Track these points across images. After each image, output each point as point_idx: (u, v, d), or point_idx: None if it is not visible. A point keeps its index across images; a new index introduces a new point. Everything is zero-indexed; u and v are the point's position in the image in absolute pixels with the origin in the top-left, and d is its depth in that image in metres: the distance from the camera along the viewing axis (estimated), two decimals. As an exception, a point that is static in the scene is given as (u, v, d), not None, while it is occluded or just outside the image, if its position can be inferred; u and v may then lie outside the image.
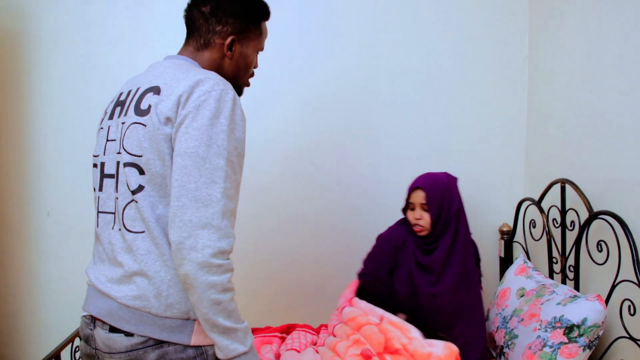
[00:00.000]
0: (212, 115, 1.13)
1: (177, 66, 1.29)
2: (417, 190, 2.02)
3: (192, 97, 1.15)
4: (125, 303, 1.18)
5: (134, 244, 1.19)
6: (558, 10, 2.26)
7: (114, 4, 2.38)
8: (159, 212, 1.18)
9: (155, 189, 1.18)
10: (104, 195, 1.29)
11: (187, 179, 1.10)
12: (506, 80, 2.54)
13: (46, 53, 2.37)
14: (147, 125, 1.18)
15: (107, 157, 1.29)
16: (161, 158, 1.17)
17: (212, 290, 1.10)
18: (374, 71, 2.49)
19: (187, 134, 1.12)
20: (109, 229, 1.26)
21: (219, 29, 1.37)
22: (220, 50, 1.38)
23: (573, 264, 2.00)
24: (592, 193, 1.95)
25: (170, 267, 1.17)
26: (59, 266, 2.41)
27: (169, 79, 1.22)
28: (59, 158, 2.39)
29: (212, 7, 1.36)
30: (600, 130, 1.97)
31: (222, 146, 1.13)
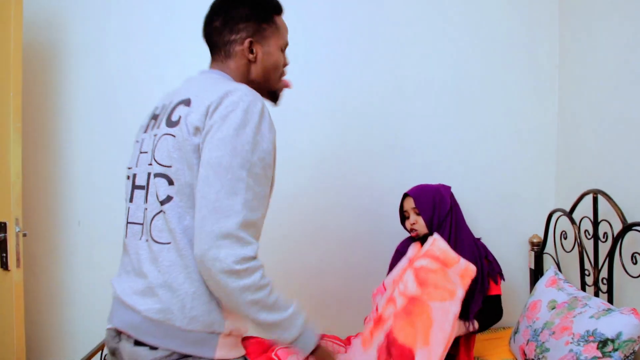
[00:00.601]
0: (237, 125, 1.13)
1: (208, 79, 1.31)
2: (407, 198, 2.18)
3: (220, 107, 1.15)
4: (149, 316, 1.18)
5: (159, 255, 1.19)
6: (588, 18, 2.23)
7: (143, 18, 2.43)
8: (187, 223, 1.18)
9: (183, 200, 1.18)
10: (133, 206, 1.31)
11: (208, 190, 1.11)
12: (536, 90, 2.51)
13: (77, 66, 2.42)
14: (176, 136, 1.19)
15: (139, 169, 1.31)
16: (190, 168, 1.17)
17: (246, 293, 1.11)
18: (402, 83, 2.49)
19: (211, 144, 1.12)
20: (137, 240, 1.27)
21: (234, 37, 1.38)
22: (243, 56, 1.38)
23: (606, 276, 1.96)
24: (625, 204, 1.92)
25: (194, 280, 1.17)
26: (89, 275, 2.44)
27: (199, 91, 1.23)
28: (89, 168, 2.43)
29: (222, 19, 1.39)
30: (633, 139, 1.93)
31: (245, 157, 1.13)
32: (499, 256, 2.27)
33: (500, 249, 2.45)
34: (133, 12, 2.42)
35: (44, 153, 2.43)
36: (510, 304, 2.36)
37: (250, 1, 1.41)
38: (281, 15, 1.46)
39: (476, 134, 2.51)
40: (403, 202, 2.21)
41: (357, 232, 2.49)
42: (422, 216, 2.10)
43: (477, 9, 2.50)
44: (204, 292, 1.17)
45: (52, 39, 2.41)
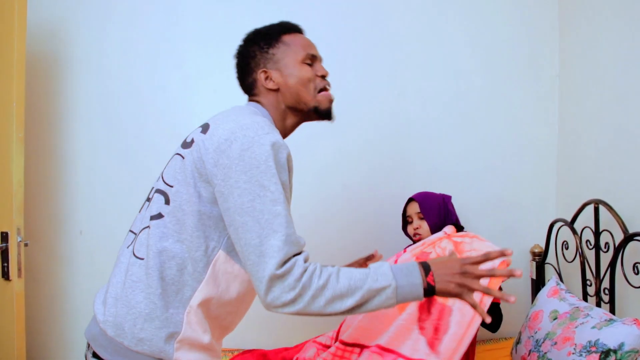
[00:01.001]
0: (258, 163, 1.10)
1: (237, 109, 1.30)
2: (411, 203, 2.19)
3: (235, 143, 1.12)
4: (104, 329, 1.17)
5: (130, 269, 1.19)
6: (588, 29, 2.24)
7: (145, 28, 2.44)
8: (166, 245, 1.16)
9: (172, 222, 1.17)
10: (138, 216, 1.32)
11: (250, 235, 1.08)
12: (536, 99, 2.52)
13: (79, 76, 2.43)
14: (185, 158, 1.20)
15: (155, 183, 1.32)
16: (187, 192, 1.16)
17: (316, 304, 1.08)
18: (403, 92, 2.50)
19: (239, 189, 1.10)
20: (125, 247, 1.28)
21: (252, 77, 1.37)
22: (266, 89, 1.35)
23: (608, 286, 1.95)
24: (626, 214, 1.92)
25: (153, 302, 1.15)
26: (90, 285, 2.42)
27: (220, 120, 1.23)
28: (91, 178, 2.43)
29: (239, 68, 1.42)
30: (633, 149, 1.94)
31: (276, 191, 1.10)
32: (501, 266, 2.27)
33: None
34: (134, 23, 2.44)
35: (46, 163, 2.43)
36: (512, 314, 2.35)
37: (254, 37, 1.41)
38: (292, 33, 1.42)
39: (477, 144, 2.51)
40: (407, 206, 2.22)
41: (358, 240, 2.49)
42: (426, 221, 2.11)
43: (478, 19, 2.51)
44: (158, 317, 1.15)
45: (55, 49, 2.42)
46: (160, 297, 1.15)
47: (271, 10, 2.46)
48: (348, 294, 1.08)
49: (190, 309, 1.17)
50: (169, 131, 2.43)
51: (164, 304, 1.15)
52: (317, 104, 1.38)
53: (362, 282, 1.09)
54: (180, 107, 2.45)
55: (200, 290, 1.17)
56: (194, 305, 1.17)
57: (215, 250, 1.17)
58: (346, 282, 1.09)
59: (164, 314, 1.15)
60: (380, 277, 1.10)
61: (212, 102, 2.43)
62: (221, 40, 2.45)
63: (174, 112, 2.44)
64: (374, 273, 1.11)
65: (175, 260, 1.16)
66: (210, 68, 2.45)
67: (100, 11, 2.43)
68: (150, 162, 2.42)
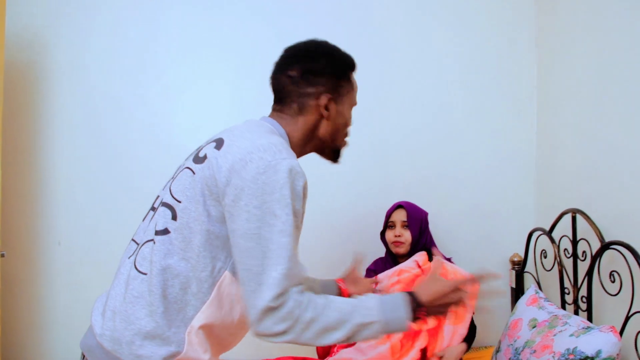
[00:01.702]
0: (271, 190, 1.08)
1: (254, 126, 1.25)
2: (399, 209, 2.19)
3: (250, 165, 1.09)
4: (101, 342, 1.15)
5: (132, 282, 1.17)
6: (566, 40, 2.29)
7: (126, 38, 2.43)
8: (170, 262, 1.14)
9: (179, 239, 1.15)
10: (142, 226, 1.29)
11: (252, 262, 1.07)
12: (515, 110, 2.56)
13: (59, 86, 2.41)
14: (195, 174, 1.16)
15: (161, 193, 1.29)
16: (196, 210, 1.14)
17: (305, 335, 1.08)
18: (383, 103, 2.51)
19: (248, 213, 1.07)
20: (126, 257, 1.25)
21: (312, 90, 1.29)
22: (317, 112, 1.30)
23: (585, 294, 1.98)
24: (603, 223, 1.95)
25: (153, 320, 1.13)
26: (69, 296, 2.40)
27: (235, 137, 1.19)
28: (71, 188, 2.41)
29: (301, 70, 1.30)
30: (610, 159, 1.97)
31: (287, 222, 1.08)
32: (481, 275, 2.29)
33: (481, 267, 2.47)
34: (116, 33, 2.43)
35: (24, 173, 2.40)
36: (492, 323, 2.37)
37: (330, 54, 1.36)
38: (353, 74, 1.41)
39: (457, 154, 2.54)
40: (392, 212, 2.22)
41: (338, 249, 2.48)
42: (410, 231, 2.12)
43: (459, 32, 2.55)
44: (159, 336, 1.13)
45: (35, 59, 2.40)
46: (163, 315, 1.13)
47: (255, 22, 2.48)
48: (337, 327, 1.09)
49: (191, 328, 1.14)
50: (150, 141, 2.42)
51: (167, 323, 1.13)
52: (340, 148, 1.42)
53: (351, 315, 1.10)
54: (161, 118, 2.44)
55: (203, 312, 1.15)
56: (195, 325, 1.14)
57: (221, 271, 1.15)
58: (336, 315, 1.10)
59: (165, 332, 1.13)
60: (368, 312, 1.12)
61: (193, 113, 2.45)
62: (202, 51, 2.47)
63: (155, 122, 2.43)
64: (363, 308, 1.12)
65: (179, 279, 1.14)
66: (191, 79, 2.45)
67: (81, 21, 2.42)
68: (131, 172, 2.42)
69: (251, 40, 2.47)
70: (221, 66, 2.47)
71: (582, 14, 2.16)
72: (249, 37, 2.47)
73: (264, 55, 2.44)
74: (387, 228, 2.22)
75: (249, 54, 2.47)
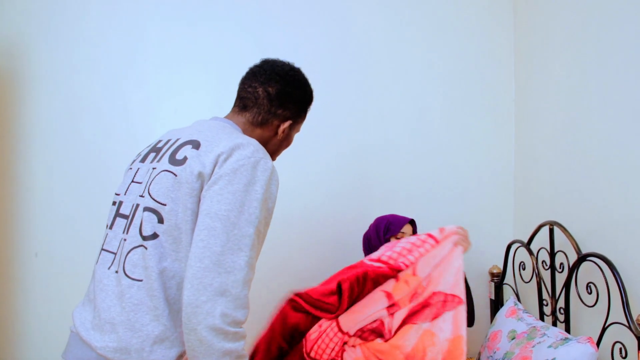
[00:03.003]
0: (247, 181, 1.13)
1: (221, 127, 1.31)
2: (409, 225, 2.15)
3: (230, 159, 1.15)
4: (104, 355, 1.13)
5: (127, 291, 1.16)
6: (543, 54, 2.33)
7: (107, 47, 2.41)
8: (166, 265, 1.15)
9: (169, 241, 1.16)
10: (111, 234, 1.28)
11: (214, 241, 1.09)
12: (493, 123, 2.59)
13: (38, 93, 2.38)
14: (178, 176, 1.18)
15: (127, 198, 1.28)
16: (184, 211, 1.15)
17: (227, 357, 1.08)
18: (362, 116, 2.53)
19: (220, 196, 1.11)
20: (105, 269, 1.23)
21: (280, 112, 1.42)
22: (274, 130, 1.43)
23: (563, 306, 2.00)
24: (580, 235, 1.97)
25: (162, 323, 1.13)
26: (46, 308, 2.36)
27: (211, 137, 1.23)
28: (48, 199, 2.37)
29: (279, 90, 1.40)
30: (587, 172, 2.00)
31: (253, 214, 1.13)
32: (460, 287, 2.30)
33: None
34: (97, 42, 2.41)
35: (0, 183, 2.37)
36: (472, 334, 2.37)
37: (305, 86, 1.48)
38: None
39: (436, 167, 2.56)
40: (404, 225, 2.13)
41: (318, 261, 2.48)
42: None
43: (437, 46, 2.58)
44: (168, 338, 1.14)
45: (11, 67, 2.37)
46: (169, 318, 1.14)
47: (237, 33, 2.48)
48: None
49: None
50: (129, 152, 2.39)
51: (173, 324, 1.15)
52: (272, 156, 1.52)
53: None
54: (142, 128, 2.42)
55: None
56: None
57: None
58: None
59: (173, 334, 1.14)
60: None
61: (173, 123, 2.43)
62: (183, 61, 2.46)
63: (135, 132, 2.41)
64: None
65: (175, 280, 1.16)
66: (172, 89, 2.44)
67: (60, 30, 2.39)
68: (111, 182, 2.38)
69: (233, 51, 2.47)
70: (203, 77, 2.47)
71: (560, 27, 2.20)
72: (231, 48, 2.47)
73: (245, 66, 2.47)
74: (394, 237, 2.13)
75: (230, 64, 2.46)
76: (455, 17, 2.59)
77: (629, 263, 1.74)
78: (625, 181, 1.80)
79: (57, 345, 2.33)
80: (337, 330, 1.72)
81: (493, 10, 2.61)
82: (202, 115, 2.44)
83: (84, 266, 2.35)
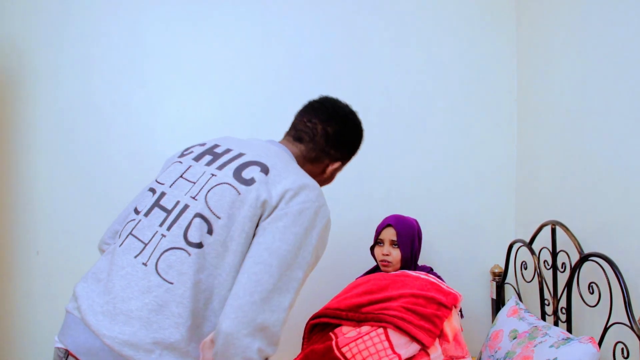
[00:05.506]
0: (309, 225, 1.16)
1: (287, 159, 1.33)
2: (388, 227, 2.11)
3: (297, 198, 1.17)
4: (111, 346, 1.07)
5: (155, 290, 1.12)
6: (545, 53, 2.32)
7: (108, 45, 2.41)
8: (201, 277, 1.14)
9: (212, 254, 1.15)
10: (145, 222, 1.23)
11: (267, 279, 1.09)
12: (495, 122, 2.58)
13: (39, 92, 2.38)
14: (241, 195, 1.17)
15: (172, 192, 1.26)
16: (239, 232, 1.15)
17: None
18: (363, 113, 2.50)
19: (283, 235, 1.13)
20: (130, 256, 1.18)
21: (333, 153, 1.46)
22: (322, 168, 1.47)
23: (565, 305, 2.00)
24: (582, 235, 1.97)
25: (179, 332, 1.10)
26: (47, 306, 2.36)
27: (280, 167, 1.24)
28: (49, 197, 2.37)
29: (337, 131, 1.44)
30: (589, 172, 2.00)
31: (306, 259, 1.15)
32: (462, 286, 2.30)
33: (462, 279, 2.48)
34: (96, 40, 2.41)
35: (1, 181, 2.37)
36: (473, 334, 2.38)
37: (360, 132, 1.54)
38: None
39: (438, 166, 2.55)
40: (382, 230, 2.12)
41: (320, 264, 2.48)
42: (400, 250, 2.05)
43: (440, 45, 2.58)
44: (180, 349, 1.10)
45: (7, 66, 2.37)
46: (188, 329, 1.11)
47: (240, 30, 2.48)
48: None
49: (204, 344, 1.14)
50: (130, 150, 2.40)
51: (189, 337, 1.12)
52: None
53: None
54: (143, 127, 2.42)
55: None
56: (207, 341, 1.14)
57: None
58: None
59: (186, 347, 1.11)
60: None
61: (175, 122, 2.44)
62: (185, 60, 2.46)
63: (136, 131, 2.41)
64: None
65: (205, 294, 1.14)
66: (174, 87, 2.44)
67: (61, 29, 2.39)
68: (111, 181, 2.39)
69: (236, 51, 2.47)
70: (204, 76, 2.46)
71: (562, 27, 2.20)
72: (233, 47, 2.47)
73: (248, 64, 2.48)
74: (377, 244, 2.15)
75: (233, 64, 2.47)
76: (457, 16, 2.58)
77: (631, 263, 1.74)
78: (627, 181, 1.79)
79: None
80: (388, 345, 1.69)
81: (495, 9, 2.60)
82: (202, 115, 2.46)
83: (85, 264, 2.35)
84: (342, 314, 1.79)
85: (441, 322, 1.73)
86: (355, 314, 1.77)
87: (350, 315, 1.78)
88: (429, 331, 1.69)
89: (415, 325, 1.68)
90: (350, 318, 1.78)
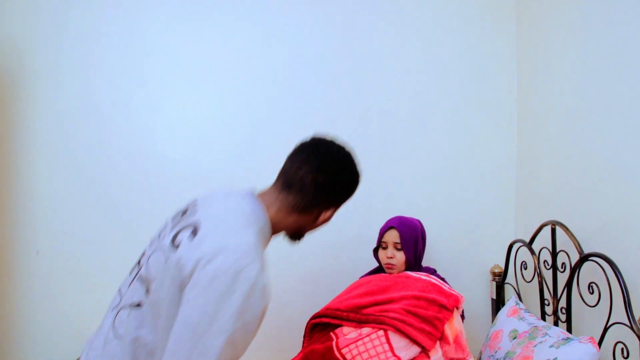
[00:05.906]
0: (225, 291, 1.08)
1: (234, 219, 1.24)
2: (391, 230, 2.09)
3: (210, 264, 1.10)
4: None
5: (109, 343, 1.22)
6: (545, 53, 2.32)
7: (108, 45, 2.41)
8: (141, 333, 1.18)
9: (149, 313, 1.19)
10: (128, 279, 1.32)
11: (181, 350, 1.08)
12: (495, 123, 2.58)
13: (39, 92, 2.38)
14: (167, 261, 1.19)
15: (149, 250, 1.32)
16: (166, 292, 1.16)
17: None
18: (363, 114, 2.52)
19: (195, 303, 1.09)
20: (111, 309, 1.30)
21: (325, 201, 1.37)
22: (313, 217, 1.38)
23: (565, 305, 2.00)
24: (582, 235, 1.97)
25: None
26: (47, 306, 2.36)
27: (210, 228, 1.19)
28: (49, 197, 2.37)
29: (327, 181, 1.34)
30: (589, 172, 2.00)
31: (227, 324, 1.08)
32: (462, 286, 2.30)
33: (462, 279, 2.48)
34: (96, 40, 2.41)
35: (2, 181, 2.37)
36: (473, 334, 2.38)
37: (356, 177, 1.44)
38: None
39: (437, 166, 2.55)
40: (385, 232, 2.11)
41: (318, 262, 2.48)
42: (404, 253, 2.05)
43: (439, 44, 2.57)
44: None
45: (7, 66, 2.37)
46: None
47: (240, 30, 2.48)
48: None
49: None
50: (130, 150, 2.40)
51: None
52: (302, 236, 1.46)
53: None
54: (143, 127, 2.42)
55: None
56: None
57: None
58: None
59: None
60: None
61: (175, 122, 2.44)
62: (185, 60, 2.46)
63: (136, 131, 2.41)
64: None
65: (147, 348, 1.18)
66: (174, 87, 2.44)
67: (61, 29, 2.39)
68: (111, 181, 2.39)
69: (236, 51, 2.47)
70: (204, 76, 2.46)
71: (562, 26, 2.20)
72: (233, 47, 2.47)
73: (248, 64, 2.48)
74: (380, 247, 2.13)
75: (233, 64, 2.47)
76: (457, 16, 2.58)
77: (631, 263, 1.74)
78: (628, 181, 1.79)
79: (57, 343, 2.35)
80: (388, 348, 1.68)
81: (495, 9, 2.60)
82: (202, 115, 2.45)
83: (85, 264, 2.36)
84: (343, 315, 1.79)
85: (442, 325, 1.73)
86: (356, 315, 1.77)
87: (351, 316, 1.78)
88: (429, 334, 1.69)
89: (415, 328, 1.68)
90: (351, 319, 1.78)
